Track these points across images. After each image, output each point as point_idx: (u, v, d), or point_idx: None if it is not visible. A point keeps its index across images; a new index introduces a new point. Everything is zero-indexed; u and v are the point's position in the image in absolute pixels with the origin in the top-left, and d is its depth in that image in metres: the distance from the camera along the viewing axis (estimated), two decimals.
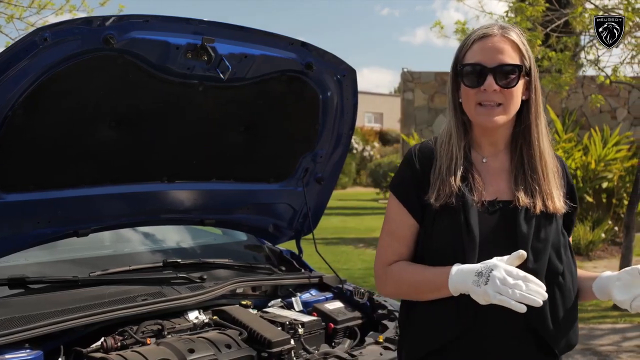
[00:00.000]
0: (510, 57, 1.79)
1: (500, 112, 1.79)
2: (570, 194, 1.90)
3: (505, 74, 1.78)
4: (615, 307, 7.23)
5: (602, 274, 1.84)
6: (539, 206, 1.79)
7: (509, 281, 1.60)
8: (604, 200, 12.02)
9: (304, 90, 2.85)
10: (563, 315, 1.80)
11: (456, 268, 1.70)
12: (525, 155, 1.84)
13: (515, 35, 1.83)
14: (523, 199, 1.79)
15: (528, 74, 1.84)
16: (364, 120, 38.09)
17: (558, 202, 1.82)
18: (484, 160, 1.88)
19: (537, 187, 1.81)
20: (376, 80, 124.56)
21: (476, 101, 1.80)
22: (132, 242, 3.26)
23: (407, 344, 1.92)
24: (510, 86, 1.79)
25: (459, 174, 1.81)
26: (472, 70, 1.80)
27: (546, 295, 1.62)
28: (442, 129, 1.92)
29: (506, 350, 1.78)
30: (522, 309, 1.59)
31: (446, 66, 1.91)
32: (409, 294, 1.87)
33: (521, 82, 1.82)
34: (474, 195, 1.79)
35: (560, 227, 1.84)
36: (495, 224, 1.79)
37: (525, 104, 1.86)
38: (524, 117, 1.86)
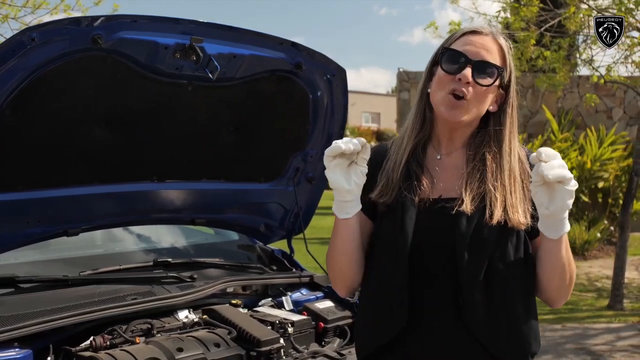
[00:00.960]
0: (494, 59, 1.77)
1: (466, 109, 1.76)
2: None
3: (484, 71, 1.76)
4: (609, 307, 7.25)
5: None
6: (498, 216, 1.72)
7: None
8: (600, 199, 12.05)
9: (294, 90, 2.86)
10: (506, 321, 1.74)
11: None
12: (490, 166, 1.78)
13: (504, 42, 1.82)
14: (468, 201, 1.73)
15: (505, 88, 1.82)
16: (362, 120, 38.11)
17: (523, 218, 1.74)
18: (439, 157, 1.86)
19: (499, 198, 1.74)
20: (374, 80, 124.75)
21: (446, 89, 1.76)
22: (123, 242, 3.27)
23: (355, 343, 1.95)
24: (485, 85, 1.75)
25: (402, 170, 1.81)
26: (453, 56, 1.77)
27: (346, 142, 1.71)
28: (404, 125, 1.92)
29: (449, 352, 1.75)
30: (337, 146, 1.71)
31: None
32: (333, 252, 1.88)
33: (494, 89, 1.79)
34: (417, 193, 1.78)
35: (516, 233, 1.76)
36: (436, 222, 1.76)
37: (494, 116, 1.83)
38: (492, 128, 1.82)
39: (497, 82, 1.78)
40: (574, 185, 1.59)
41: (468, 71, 1.74)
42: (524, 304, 1.77)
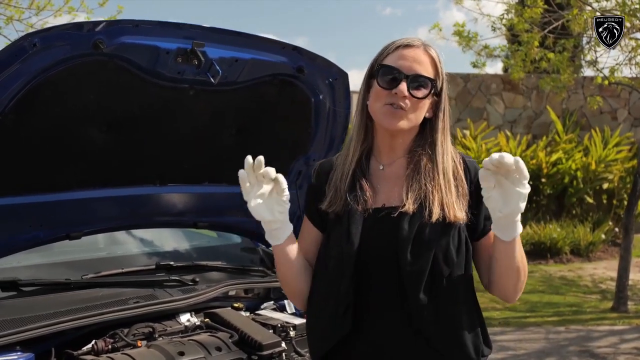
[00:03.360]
0: (427, 71, 1.87)
1: (404, 117, 1.85)
2: (476, 204, 1.87)
3: (419, 84, 1.85)
4: (613, 309, 7.24)
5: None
6: (436, 214, 1.80)
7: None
8: (605, 201, 12.03)
9: (296, 93, 2.86)
10: (453, 321, 1.81)
11: None
12: (425, 167, 1.87)
13: (434, 53, 1.91)
14: (410, 203, 1.82)
15: (438, 94, 1.90)
16: None
17: (459, 213, 1.83)
18: (381, 168, 1.94)
19: (436, 196, 1.82)
20: None
21: (384, 102, 1.86)
22: (125, 245, 3.27)
23: (308, 347, 2.04)
24: (420, 97, 1.85)
25: (348, 180, 1.90)
26: (389, 72, 1.86)
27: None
28: (349, 137, 2.01)
29: (398, 354, 1.82)
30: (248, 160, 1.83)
31: (446, 67, 1.97)
32: (279, 276, 2.03)
33: (429, 98, 1.88)
34: (361, 203, 1.86)
35: (456, 232, 1.83)
36: (380, 230, 1.84)
37: (430, 122, 1.92)
38: (427, 133, 1.92)
39: (429, 95, 1.87)
40: (528, 188, 1.65)
41: (404, 86, 1.84)
42: (468, 303, 1.86)
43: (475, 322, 1.87)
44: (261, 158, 1.82)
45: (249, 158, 1.82)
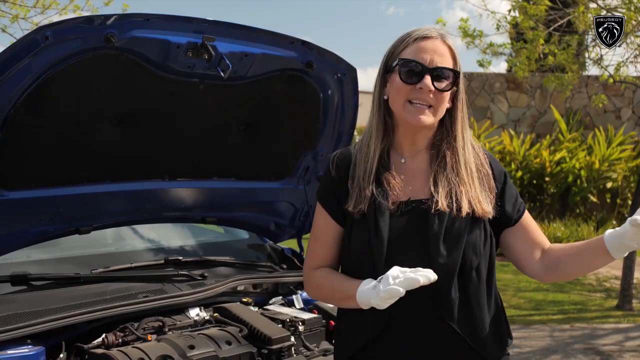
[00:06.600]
0: (447, 62, 1.84)
1: (430, 113, 1.82)
2: (501, 193, 1.90)
3: (442, 77, 1.82)
4: (618, 307, 7.23)
5: (605, 235, 1.79)
6: (465, 209, 1.80)
7: (398, 274, 1.65)
8: (609, 200, 12.03)
9: (305, 88, 2.86)
10: (478, 310, 1.82)
11: (361, 287, 1.74)
12: (450, 162, 1.86)
13: (451, 42, 1.88)
14: (442, 199, 1.80)
15: (456, 84, 1.88)
16: None
17: (487, 206, 1.84)
18: (403, 161, 1.91)
19: (463, 191, 1.82)
20: None
21: (407, 98, 1.82)
22: (134, 240, 3.27)
23: (336, 345, 1.99)
24: (444, 89, 1.82)
25: (373, 178, 1.85)
26: (411, 67, 1.82)
27: (434, 276, 1.63)
28: (364, 132, 1.96)
29: (428, 347, 1.81)
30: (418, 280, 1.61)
31: None
32: (327, 299, 2.00)
33: (451, 90, 1.87)
34: (388, 198, 1.83)
35: (482, 224, 1.84)
36: (408, 224, 1.82)
37: (449, 113, 1.90)
38: (447, 124, 1.90)
39: (452, 83, 1.85)
40: None
41: (428, 80, 1.81)
42: (492, 294, 1.87)
43: (499, 312, 1.89)
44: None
45: (430, 275, 1.64)
